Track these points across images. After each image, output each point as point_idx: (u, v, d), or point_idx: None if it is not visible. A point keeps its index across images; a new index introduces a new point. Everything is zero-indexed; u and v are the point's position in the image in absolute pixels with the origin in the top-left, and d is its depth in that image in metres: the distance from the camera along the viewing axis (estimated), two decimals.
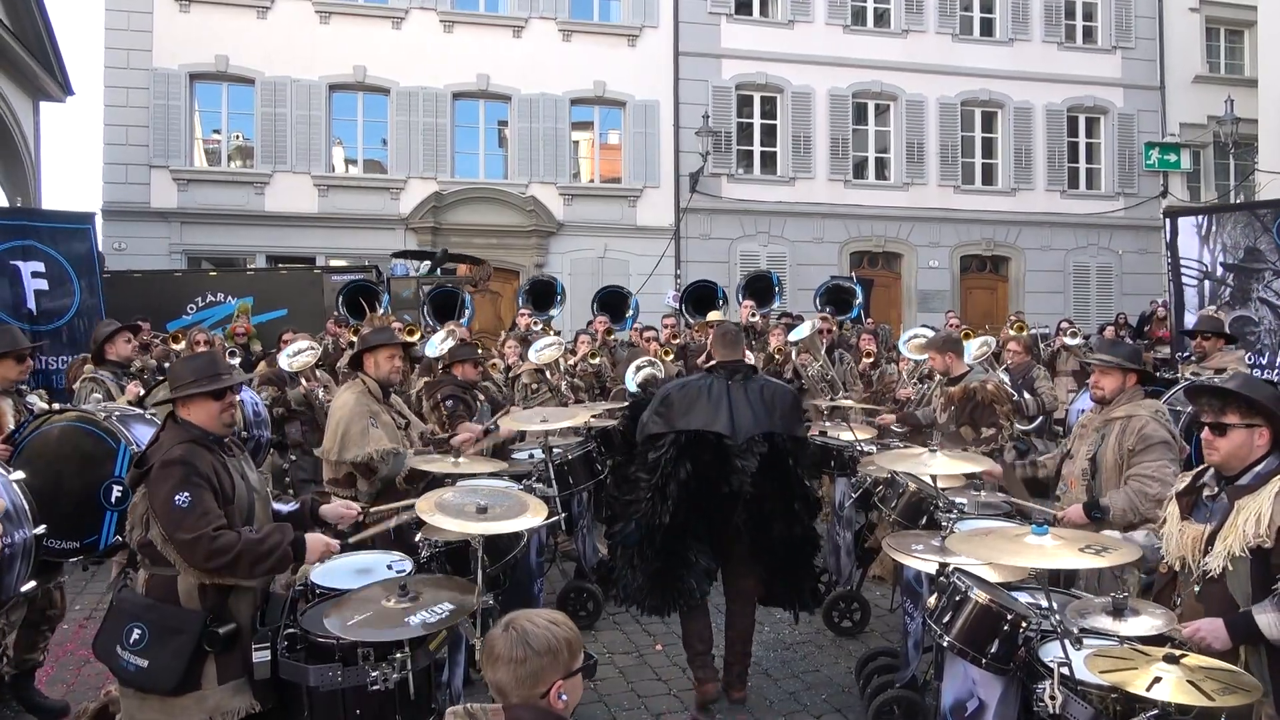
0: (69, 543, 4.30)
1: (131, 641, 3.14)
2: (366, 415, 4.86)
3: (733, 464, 4.43)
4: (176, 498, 3.08)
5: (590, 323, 11.24)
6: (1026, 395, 8.11)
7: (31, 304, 8.24)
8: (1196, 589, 3.07)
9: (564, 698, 2.14)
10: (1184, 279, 9.27)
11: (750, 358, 8.12)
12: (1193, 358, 6.89)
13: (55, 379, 7.95)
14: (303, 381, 7.25)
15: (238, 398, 4.52)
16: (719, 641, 4.94)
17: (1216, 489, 3.16)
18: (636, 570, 4.64)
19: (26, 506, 3.83)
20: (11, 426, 4.67)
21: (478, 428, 6.00)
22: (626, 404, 7.91)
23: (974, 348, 7.93)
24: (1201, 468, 3.32)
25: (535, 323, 10.59)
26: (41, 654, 4.71)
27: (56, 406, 5.03)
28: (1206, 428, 3.15)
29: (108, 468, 4.38)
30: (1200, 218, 9.39)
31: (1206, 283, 9.15)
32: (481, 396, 6.87)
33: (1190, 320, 9.23)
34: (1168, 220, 9.60)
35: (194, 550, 3.07)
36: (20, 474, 3.94)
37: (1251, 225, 8.84)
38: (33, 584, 3.94)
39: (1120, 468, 4.16)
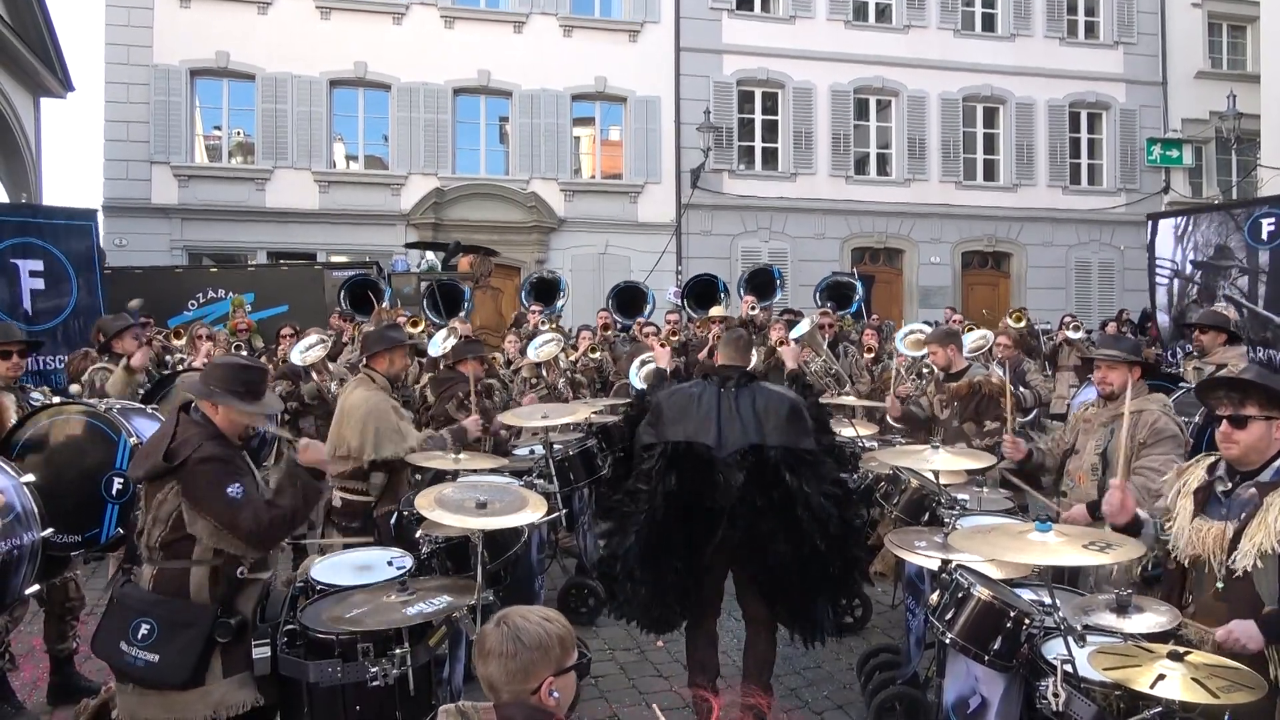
0: (71, 536, 4.29)
1: (140, 637, 3.12)
2: (393, 412, 4.92)
3: (716, 477, 4.15)
4: (229, 490, 3.13)
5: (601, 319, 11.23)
6: (1022, 389, 8.10)
7: (28, 304, 8.22)
8: (1220, 586, 3.02)
9: (555, 695, 2.14)
10: (1157, 279, 9.32)
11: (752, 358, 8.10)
12: (1194, 353, 6.86)
13: (54, 378, 7.93)
14: (314, 376, 7.23)
15: None
16: (727, 657, 4.79)
17: (1230, 484, 3.12)
18: (638, 584, 4.35)
19: (35, 510, 3.82)
20: (14, 421, 4.67)
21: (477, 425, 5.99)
22: (627, 401, 7.92)
23: (970, 341, 7.92)
24: (1213, 461, 3.27)
25: (544, 321, 10.56)
26: (73, 640, 4.87)
27: (57, 400, 5.03)
28: (1225, 421, 3.09)
29: (109, 460, 4.38)
30: (1180, 219, 9.43)
31: (1175, 281, 9.19)
32: (484, 394, 6.86)
33: (1163, 318, 9.27)
34: (1150, 222, 9.65)
35: (266, 529, 3.17)
36: (30, 476, 3.93)
37: (1225, 224, 8.92)
38: (36, 587, 3.94)
39: (1132, 462, 4.14)
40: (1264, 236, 8.47)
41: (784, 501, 4.14)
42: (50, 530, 3.87)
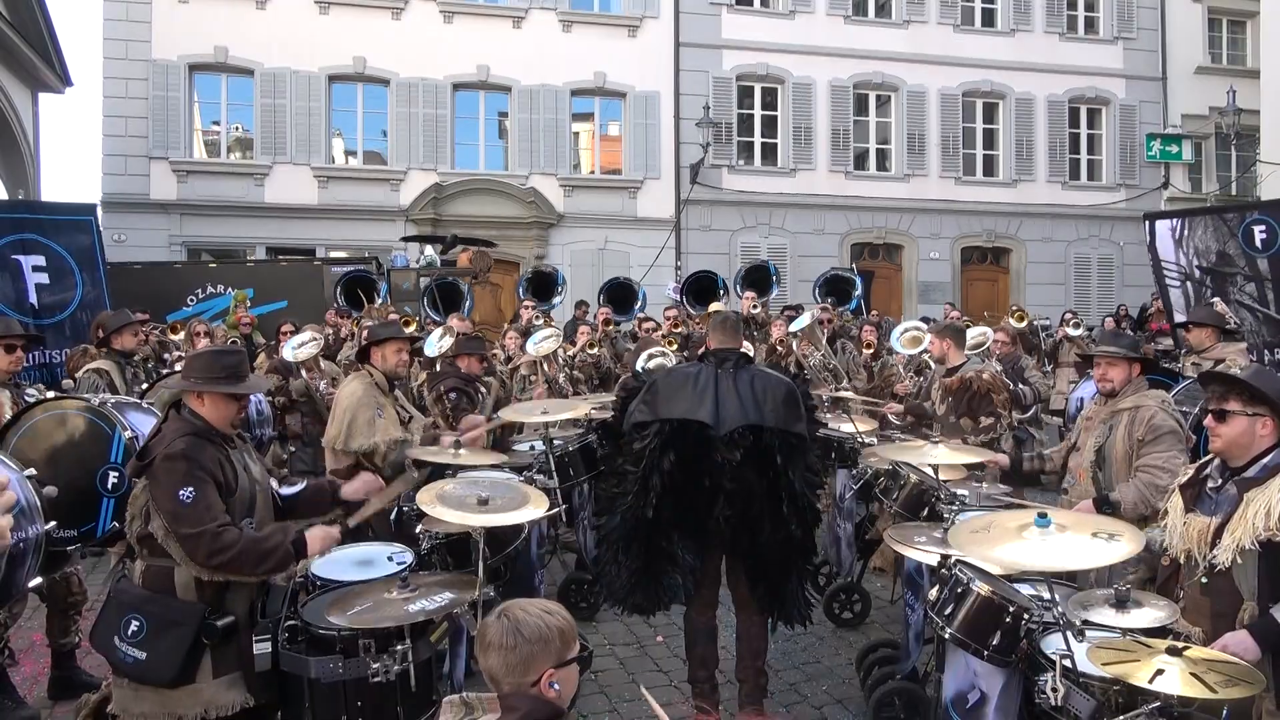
0: (67, 531, 4.28)
1: (130, 633, 3.13)
2: (374, 406, 4.89)
3: (713, 455, 4.17)
4: (180, 493, 3.05)
5: (583, 310, 11.24)
6: (1021, 386, 8.11)
7: (34, 298, 8.19)
8: (1204, 581, 3.05)
9: (556, 687, 2.14)
10: (1168, 281, 9.29)
11: (750, 349, 8.12)
12: (1189, 350, 6.88)
13: (60, 372, 7.92)
14: (303, 373, 7.24)
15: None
16: (726, 652, 4.81)
17: (1220, 480, 3.15)
18: (621, 567, 4.39)
19: (37, 503, 3.82)
20: (9, 416, 4.66)
21: (481, 418, 6.00)
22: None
23: (970, 338, 7.92)
24: (1205, 459, 3.31)
25: (537, 316, 10.58)
26: (75, 635, 4.90)
27: (51, 395, 5.03)
28: (1210, 414, 3.14)
29: (103, 454, 4.35)
30: (1174, 221, 9.38)
31: (1188, 284, 9.15)
32: (483, 390, 6.87)
33: (1180, 319, 9.23)
34: (1146, 223, 9.62)
35: (196, 546, 3.04)
36: (32, 470, 3.92)
37: (1220, 229, 8.85)
38: (39, 579, 3.94)
39: (1130, 458, 4.14)
40: (1258, 244, 8.44)
41: (774, 483, 4.22)
42: (53, 524, 3.86)
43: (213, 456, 3.21)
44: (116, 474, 4.29)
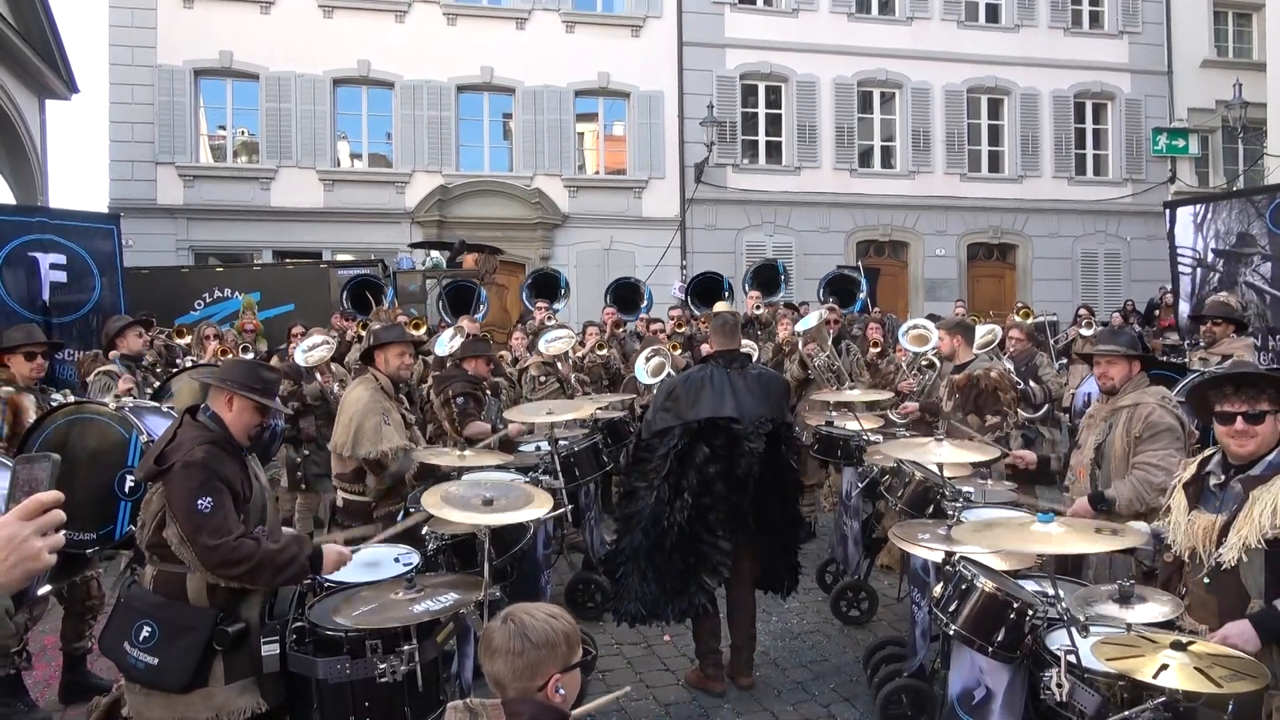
0: (86, 534, 4.34)
1: (141, 639, 3.13)
2: (380, 412, 4.89)
3: (742, 447, 4.61)
4: (199, 502, 3.07)
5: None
6: (1032, 383, 8.08)
7: (46, 295, 8.21)
8: (1207, 580, 3.03)
9: (561, 691, 2.15)
10: (1180, 268, 9.31)
11: (754, 347, 8.14)
12: (1200, 343, 6.85)
13: (59, 369, 7.93)
14: (317, 376, 7.24)
15: None
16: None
17: (1224, 477, 3.13)
18: (649, 580, 4.69)
19: None
20: (33, 421, 4.71)
21: (486, 426, 6.02)
22: (633, 396, 7.94)
23: (979, 335, 7.90)
24: (1206, 455, 3.29)
25: (551, 317, 10.59)
26: (89, 640, 4.93)
27: (72, 400, 5.08)
28: (1239, 418, 3.05)
29: (121, 458, 4.43)
30: (1198, 207, 9.40)
31: (1198, 270, 9.16)
32: (490, 392, 6.88)
33: (1184, 308, 9.24)
34: (1168, 211, 9.65)
35: (213, 556, 3.06)
36: None
37: (1246, 211, 8.88)
38: (48, 587, 3.98)
39: (1128, 456, 4.13)
40: None
41: (779, 467, 4.81)
42: (65, 532, 3.89)
43: (231, 467, 3.24)
44: (134, 477, 4.34)
